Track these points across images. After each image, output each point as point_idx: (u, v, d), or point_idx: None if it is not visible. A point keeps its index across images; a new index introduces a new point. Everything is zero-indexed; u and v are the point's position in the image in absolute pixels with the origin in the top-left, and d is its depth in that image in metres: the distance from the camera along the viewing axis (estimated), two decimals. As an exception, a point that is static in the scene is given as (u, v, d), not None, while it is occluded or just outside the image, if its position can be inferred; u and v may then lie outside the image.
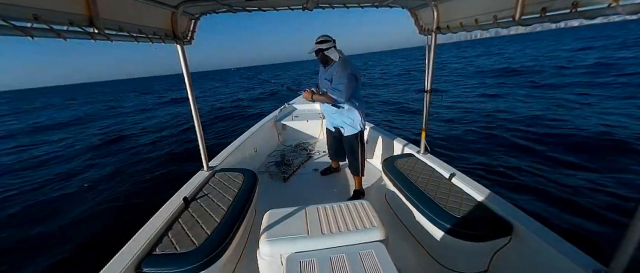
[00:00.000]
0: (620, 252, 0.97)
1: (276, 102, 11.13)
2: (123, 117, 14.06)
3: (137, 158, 6.39)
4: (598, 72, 12.40)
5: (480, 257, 1.67)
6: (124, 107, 19.31)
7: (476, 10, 1.67)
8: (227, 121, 10.07)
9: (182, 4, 1.74)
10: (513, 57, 26.59)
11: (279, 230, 1.41)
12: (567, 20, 1.16)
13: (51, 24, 0.98)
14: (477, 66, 22.43)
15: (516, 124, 6.51)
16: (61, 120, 15.08)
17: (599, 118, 6.25)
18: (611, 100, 7.75)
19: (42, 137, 10.50)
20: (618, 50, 20.18)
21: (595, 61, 15.87)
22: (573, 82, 11.06)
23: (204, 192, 2.00)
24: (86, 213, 4.05)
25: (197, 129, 2.25)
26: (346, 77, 2.27)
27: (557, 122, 6.25)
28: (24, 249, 3.34)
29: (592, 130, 5.51)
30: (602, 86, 9.57)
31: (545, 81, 11.99)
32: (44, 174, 5.98)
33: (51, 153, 7.69)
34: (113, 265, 1.30)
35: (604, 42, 29.04)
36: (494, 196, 1.78)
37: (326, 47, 2.33)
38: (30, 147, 8.78)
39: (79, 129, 11.69)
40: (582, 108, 7.22)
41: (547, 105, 7.86)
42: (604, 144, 4.92)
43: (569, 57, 19.87)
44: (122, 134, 9.40)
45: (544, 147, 5.11)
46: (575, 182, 3.85)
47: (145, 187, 4.80)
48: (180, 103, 17.44)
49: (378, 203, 2.53)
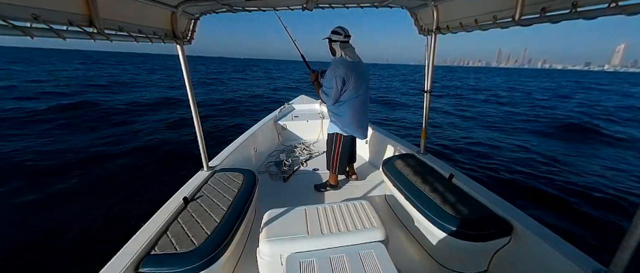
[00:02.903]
0: (620, 252, 0.97)
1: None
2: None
3: (137, 158, 6.39)
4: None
5: (480, 257, 1.67)
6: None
7: (476, 11, 1.67)
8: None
9: (182, 4, 1.74)
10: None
11: (278, 230, 1.41)
12: (567, 20, 1.16)
13: (51, 23, 0.98)
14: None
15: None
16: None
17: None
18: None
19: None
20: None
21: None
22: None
23: (204, 192, 2.00)
24: (85, 213, 4.05)
25: (197, 128, 2.24)
26: (331, 77, 2.23)
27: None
28: (24, 248, 3.34)
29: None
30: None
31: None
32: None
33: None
34: (113, 265, 1.30)
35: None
36: (494, 196, 1.78)
37: (335, 39, 2.27)
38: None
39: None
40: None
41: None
42: (606, 141, 4.92)
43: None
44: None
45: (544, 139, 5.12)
46: (575, 182, 3.85)
47: (145, 186, 4.80)
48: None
49: (378, 203, 2.53)
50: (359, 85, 2.28)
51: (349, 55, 2.25)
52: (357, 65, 2.29)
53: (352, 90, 2.26)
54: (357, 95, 2.32)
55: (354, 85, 2.24)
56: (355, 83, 2.24)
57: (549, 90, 24.54)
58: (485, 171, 4.30)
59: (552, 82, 39.05)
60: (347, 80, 2.21)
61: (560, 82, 34.00)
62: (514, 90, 24.74)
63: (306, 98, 5.38)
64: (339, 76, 2.19)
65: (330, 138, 2.56)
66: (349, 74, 2.20)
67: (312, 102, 5.10)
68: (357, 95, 2.31)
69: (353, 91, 2.27)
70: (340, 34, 2.23)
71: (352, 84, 2.23)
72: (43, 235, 3.53)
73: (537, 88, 27.11)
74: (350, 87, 2.24)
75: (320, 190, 2.73)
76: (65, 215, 4.02)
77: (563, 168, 4.26)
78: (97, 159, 5.91)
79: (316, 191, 2.75)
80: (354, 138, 2.60)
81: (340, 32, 2.23)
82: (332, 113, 2.47)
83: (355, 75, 2.23)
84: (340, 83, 2.20)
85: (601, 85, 34.76)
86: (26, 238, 3.46)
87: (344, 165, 2.68)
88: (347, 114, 2.36)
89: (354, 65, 2.25)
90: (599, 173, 4.14)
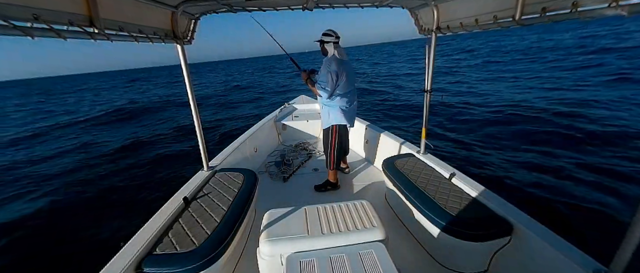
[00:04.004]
0: (620, 252, 0.97)
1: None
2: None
3: (136, 158, 6.40)
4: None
5: (481, 257, 1.67)
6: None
7: (476, 10, 1.67)
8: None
9: (182, 4, 1.74)
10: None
11: (279, 230, 1.41)
12: (567, 19, 1.16)
13: (51, 23, 0.98)
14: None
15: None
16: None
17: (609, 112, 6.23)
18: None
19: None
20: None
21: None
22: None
23: (204, 192, 2.00)
24: (85, 213, 4.05)
25: (197, 128, 2.25)
26: (326, 72, 2.43)
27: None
28: (23, 249, 3.35)
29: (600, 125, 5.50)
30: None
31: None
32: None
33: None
34: (113, 265, 1.30)
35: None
36: (494, 196, 1.78)
37: (327, 41, 2.50)
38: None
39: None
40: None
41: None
42: (608, 139, 4.92)
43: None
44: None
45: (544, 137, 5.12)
46: (576, 181, 3.85)
47: (145, 186, 4.80)
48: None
49: (378, 203, 2.53)
50: (349, 81, 2.54)
51: (340, 54, 2.49)
52: (347, 62, 2.54)
53: (344, 84, 2.50)
54: (349, 89, 2.58)
55: (345, 80, 2.49)
56: (347, 78, 2.49)
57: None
58: (485, 171, 4.30)
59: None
60: (340, 75, 2.45)
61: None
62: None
63: (306, 98, 5.38)
64: (333, 71, 2.41)
65: (327, 133, 2.74)
66: (341, 70, 2.44)
67: (312, 102, 5.10)
68: (348, 89, 2.57)
69: (345, 85, 2.51)
70: (332, 35, 2.48)
71: (344, 78, 2.47)
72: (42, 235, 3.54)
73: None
74: (343, 82, 2.48)
75: (321, 190, 2.79)
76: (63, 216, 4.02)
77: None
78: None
79: (316, 191, 2.78)
80: (346, 129, 2.82)
81: (332, 34, 2.48)
82: (327, 106, 2.67)
83: (346, 71, 2.48)
84: (334, 77, 2.42)
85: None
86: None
87: (340, 157, 2.88)
88: (340, 105, 2.60)
89: (344, 62, 2.50)
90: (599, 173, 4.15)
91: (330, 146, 2.71)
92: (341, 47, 2.54)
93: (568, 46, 19.81)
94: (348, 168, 3.17)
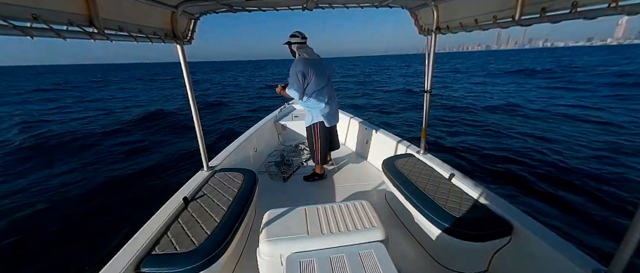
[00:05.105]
0: (620, 252, 0.97)
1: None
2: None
3: (136, 157, 6.39)
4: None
5: (480, 257, 1.67)
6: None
7: (476, 11, 1.67)
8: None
9: (181, 4, 1.74)
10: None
11: (278, 230, 1.41)
12: (567, 20, 1.16)
13: (51, 23, 0.98)
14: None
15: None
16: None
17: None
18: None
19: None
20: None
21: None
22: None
23: (204, 191, 1.99)
24: (84, 213, 4.05)
25: (197, 128, 2.24)
26: (292, 73, 2.51)
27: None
28: (23, 248, 3.34)
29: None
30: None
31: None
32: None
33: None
34: (113, 265, 1.30)
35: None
36: (494, 196, 1.78)
37: (293, 42, 2.57)
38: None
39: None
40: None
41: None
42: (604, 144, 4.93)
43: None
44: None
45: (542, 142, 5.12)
46: (576, 181, 3.85)
47: (145, 186, 4.80)
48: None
49: (378, 203, 2.53)
50: (320, 78, 2.59)
51: (306, 53, 2.57)
52: (315, 61, 2.59)
53: (314, 83, 2.56)
54: (320, 87, 2.63)
55: (314, 79, 2.55)
56: (315, 76, 2.55)
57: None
58: (485, 170, 4.30)
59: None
60: (307, 74, 2.51)
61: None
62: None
63: None
64: (299, 71, 2.48)
65: (309, 131, 2.86)
66: (307, 69, 2.49)
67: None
68: (320, 87, 2.62)
69: (315, 84, 2.57)
70: (298, 36, 2.55)
71: (313, 77, 2.53)
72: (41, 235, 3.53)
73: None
74: (312, 81, 2.55)
75: (309, 180, 2.98)
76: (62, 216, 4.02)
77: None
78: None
79: (312, 186, 2.89)
80: (327, 127, 2.87)
81: (298, 35, 2.55)
82: (306, 107, 2.79)
83: (314, 69, 2.53)
84: (300, 77, 2.50)
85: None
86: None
87: (326, 153, 3.01)
88: (318, 104, 2.68)
89: (311, 61, 2.56)
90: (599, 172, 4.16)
91: (315, 143, 2.83)
92: (309, 47, 2.60)
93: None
94: (332, 162, 3.33)
